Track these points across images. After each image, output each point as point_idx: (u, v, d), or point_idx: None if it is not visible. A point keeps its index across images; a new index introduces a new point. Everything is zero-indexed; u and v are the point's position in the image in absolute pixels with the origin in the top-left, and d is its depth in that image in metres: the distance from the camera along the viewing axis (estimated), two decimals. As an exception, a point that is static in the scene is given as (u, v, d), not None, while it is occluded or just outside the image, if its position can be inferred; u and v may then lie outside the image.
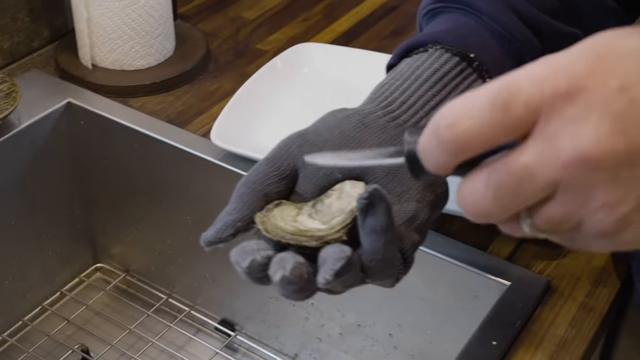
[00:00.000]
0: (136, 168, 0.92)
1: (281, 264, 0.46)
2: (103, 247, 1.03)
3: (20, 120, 0.89)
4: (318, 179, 0.52)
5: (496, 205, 0.37)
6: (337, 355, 0.90)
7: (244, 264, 0.47)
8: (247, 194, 0.51)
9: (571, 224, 0.37)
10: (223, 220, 0.51)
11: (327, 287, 0.47)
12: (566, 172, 0.35)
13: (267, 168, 0.52)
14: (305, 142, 0.53)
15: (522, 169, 0.36)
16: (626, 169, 0.35)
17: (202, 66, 0.99)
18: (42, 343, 0.94)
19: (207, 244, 0.51)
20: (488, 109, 0.36)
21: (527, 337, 0.68)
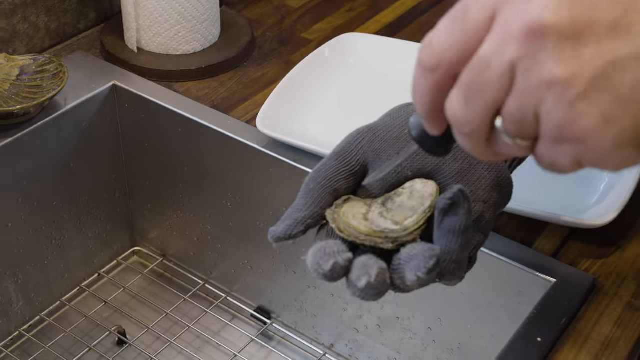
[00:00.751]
0: (178, 153, 0.93)
1: (365, 269, 0.46)
2: (141, 231, 1.03)
3: (66, 101, 0.90)
4: (387, 175, 0.52)
5: (469, 108, 0.39)
6: (373, 346, 0.89)
7: (327, 267, 0.46)
8: (317, 190, 0.51)
9: (531, 119, 0.38)
10: (293, 217, 0.50)
11: (409, 287, 0.47)
12: (516, 50, 0.36)
13: (336, 164, 0.52)
14: (376, 137, 0.53)
15: (478, 59, 0.38)
16: (571, 45, 0.35)
17: (247, 53, 0.99)
18: (80, 324, 0.95)
19: (276, 240, 0.51)
20: (451, 23, 0.39)
21: (572, 335, 0.68)
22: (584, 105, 0.36)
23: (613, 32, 0.35)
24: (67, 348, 0.92)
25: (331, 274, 0.47)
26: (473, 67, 0.38)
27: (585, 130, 0.36)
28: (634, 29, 0.35)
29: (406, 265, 0.46)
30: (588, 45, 0.35)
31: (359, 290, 0.46)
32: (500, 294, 0.77)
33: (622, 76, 0.35)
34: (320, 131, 0.86)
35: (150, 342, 0.94)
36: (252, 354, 0.93)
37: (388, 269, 0.47)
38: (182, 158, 0.93)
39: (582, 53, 0.35)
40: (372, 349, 0.90)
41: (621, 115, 0.35)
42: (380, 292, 0.47)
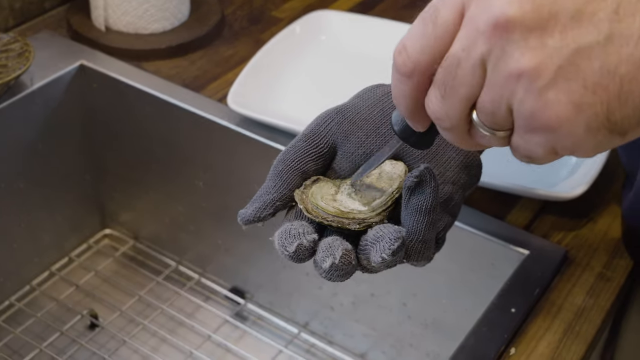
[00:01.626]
0: (149, 133, 0.91)
1: (330, 251, 0.46)
2: (112, 213, 1.02)
3: (33, 81, 0.88)
4: (357, 157, 0.52)
5: (446, 104, 0.40)
6: (348, 324, 0.89)
7: (291, 249, 0.46)
8: (285, 172, 0.50)
9: (503, 111, 0.38)
10: (262, 199, 0.50)
11: (375, 268, 0.46)
12: (485, 45, 0.37)
13: (305, 145, 0.52)
14: (345, 119, 0.53)
15: (450, 58, 0.39)
16: (536, 35, 0.36)
17: (217, 32, 0.98)
18: (50, 308, 0.93)
19: (245, 222, 0.50)
20: (422, 26, 0.39)
21: (546, 305, 0.68)
22: (553, 93, 0.36)
23: (577, 21, 0.36)
24: (38, 333, 0.91)
25: (296, 255, 0.47)
26: (446, 66, 0.39)
27: (556, 118, 0.37)
28: (597, 16, 0.36)
29: (372, 247, 0.46)
30: (553, 34, 0.36)
31: (324, 271, 0.46)
32: (474, 268, 0.77)
33: (589, 63, 0.36)
34: (293, 109, 0.86)
35: (123, 325, 0.93)
36: (227, 334, 0.92)
37: (355, 249, 0.47)
38: (153, 138, 0.92)
39: (548, 43, 0.36)
40: (347, 326, 0.90)
41: (591, 101, 0.36)
42: (346, 273, 0.47)
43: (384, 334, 0.87)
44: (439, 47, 0.39)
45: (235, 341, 0.92)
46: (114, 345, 0.90)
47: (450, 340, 0.82)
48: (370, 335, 0.88)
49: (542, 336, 0.65)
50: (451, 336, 0.81)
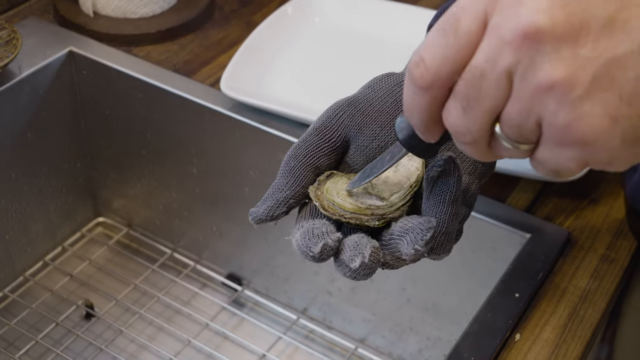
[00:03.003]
0: (140, 119, 0.90)
1: (358, 249, 0.44)
2: (105, 201, 1.00)
3: (21, 69, 0.86)
4: (371, 150, 0.50)
5: (467, 118, 0.38)
6: (347, 309, 0.88)
7: (316, 250, 0.45)
8: (297, 168, 0.49)
9: (532, 124, 0.37)
10: (275, 197, 0.48)
11: (400, 263, 0.46)
12: (512, 56, 0.36)
13: (317, 139, 0.50)
14: (357, 111, 0.51)
15: (473, 69, 0.37)
16: (568, 46, 0.35)
17: (207, 15, 0.96)
18: (45, 299, 0.92)
19: (257, 222, 0.49)
20: (442, 36, 0.37)
21: (550, 289, 0.67)
22: (588, 105, 0.35)
23: (610, 29, 0.35)
24: (33, 324, 0.89)
25: (320, 256, 0.45)
26: (468, 77, 0.37)
27: (591, 131, 0.35)
28: (631, 24, 0.35)
29: (400, 240, 0.45)
30: (585, 44, 0.35)
31: (352, 271, 0.45)
32: (475, 251, 0.76)
33: (624, 73, 0.34)
34: (286, 92, 0.84)
35: (119, 314, 0.92)
36: (224, 322, 0.91)
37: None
38: (145, 125, 0.90)
39: (580, 53, 0.35)
40: (345, 311, 0.89)
41: (627, 113, 0.35)
42: (372, 272, 0.46)
43: (383, 319, 0.86)
44: (461, 58, 0.37)
45: (233, 328, 0.91)
46: (110, 335, 0.89)
47: (451, 324, 0.81)
48: (370, 320, 0.87)
49: (547, 321, 0.64)
50: (452, 320, 0.81)
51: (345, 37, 0.91)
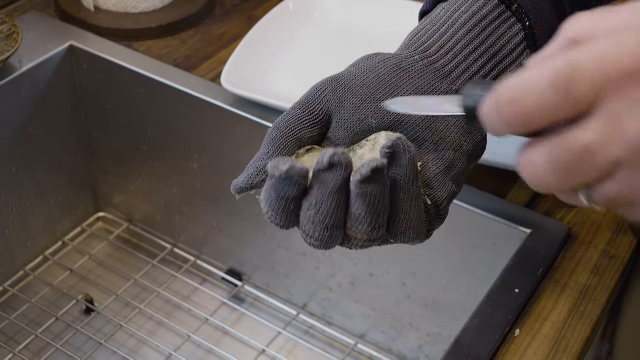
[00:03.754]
0: (141, 114, 0.90)
1: (330, 150, 0.45)
2: (105, 196, 1.00)
3: (22, 63, 0.86)
4: (351, 124, 0.50)
5: (555, 179, 0.37)
6: (347, 305, 0.88)
7: (284, 167, 0.44)
8: (280, 139, 0.49)
9: (629, 200, 0.37)
10: (255, 166, 0.49)
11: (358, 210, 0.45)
12: (629, 154, 0.35)
13: (300, 112, 0.50)
14: (340, 85, 0.51)
15: (583, 148, 0.36)
16: None
17: (208, 9, 0.96)
18: (45, 293, 0.92)
19: (238, 191, 0.49)
20: (549, 90, 0.35)
21: (550, 285, 0.67)
22: None
23: None
24: (33, 319, 0.89)
25: (287, 176, 0.45)
26: (575, 153, 0.36)
27: None
28: None
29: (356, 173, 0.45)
30: None
31: (322, 176, 0.45)
32: (475, 247, 0.76)
33: None
34: (287, 87, 0.84)
35: (119, 309, 0.92)
36: (224, 317, 0.91)
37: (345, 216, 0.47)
38: (145, 119, 0.90)
39: None
40: (345, 307, 0.89)
41: None
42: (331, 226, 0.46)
43: (383, 315, 0.86)
44: (562, 117, 0.36)
45: (233, 324, 0.91)
46: (110, 330, 0.89)
47: (451, 320, 0.81)
48: (370, 315, 0.87)
49: (546, 317, 0.64)
50: (452, 316, 0.81)
51: (346, 32, 0.91)
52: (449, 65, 0.53)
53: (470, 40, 0.53)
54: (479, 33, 0.53)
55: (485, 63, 0.53)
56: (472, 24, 0.53)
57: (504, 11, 0.54)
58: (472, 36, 0.53)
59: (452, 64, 0.53)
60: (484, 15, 0.54)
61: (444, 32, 0.54)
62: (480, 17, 0.54)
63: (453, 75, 0.52)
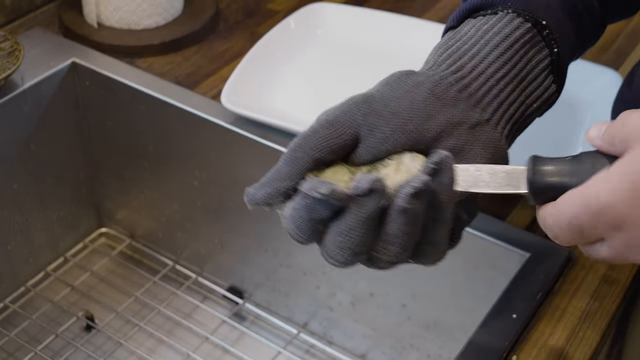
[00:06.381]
0: (143, 131, 0.90)
1: (368, 176, 0.45)
2: (108, 212, 1.00)
3: (24, 80, 0.86)
4: (379, 152, 0.49)
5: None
6: (347, 324, 0.88)
7: (324, 190, 0.44)
8: (303, 159, 0.47)
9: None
10: (274, 185, 0.47)
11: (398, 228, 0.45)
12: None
13: (327, 133, 0.48)
14: (372, 111, 0.49)
15: (600, 259, 0.48)
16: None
17: (212, 26, 0.96)
18: (46, 310, 0.92)
19: (253, 204, 0.47)
20: (569, 231, 0.47)
21: (549, 309, 0.66)
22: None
23: None
24: (33, 335, 0.89)
25: (328, 198, 0.44)
26: (592, 254, 0.48)
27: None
28: None
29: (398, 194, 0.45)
30: None
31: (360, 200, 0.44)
32: (475, 269, 0.75)
33: None
34: (288, 106, 0.84)
35: (120, 326, 0.91)
36: (225, 336, 0.91)
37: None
38: (147, 136, 0.90)
39: None
40: (346, 326, 0.88)
41: None
42: (363, 241, 0.45)
43: (384, 335, 0.85)
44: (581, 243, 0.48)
45: (233, 342, 0.90)
46: (110, 347, 0.89)
47: (452, 341, 0.80)
48: (370, 335, 0.86)
49: (544, 342, 0.63)
50: (453, 338, 0.80)
51: (348, 49, 0.91)
52: (480, 90, 0.51)
53: (503, 64, 0.52)
54: (511, 56, 0.52)
55: (514, 88, 0.53)
56: (505, 47, 0.52)
57: (535, 35, 0.53)
58: (505, 59, 0.52)
59: (484, 89, 0.52)
60: (516, 39, 0.53)
61: (475, 52, 0.52)
62: (513, 39, 0.53)
63: (484, 101, 0.51)
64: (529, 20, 0.53)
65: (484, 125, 0.51)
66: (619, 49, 0.95)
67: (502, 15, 0.54)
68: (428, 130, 0.49)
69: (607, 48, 0.95)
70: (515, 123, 0.53)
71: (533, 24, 0.53)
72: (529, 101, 0.53)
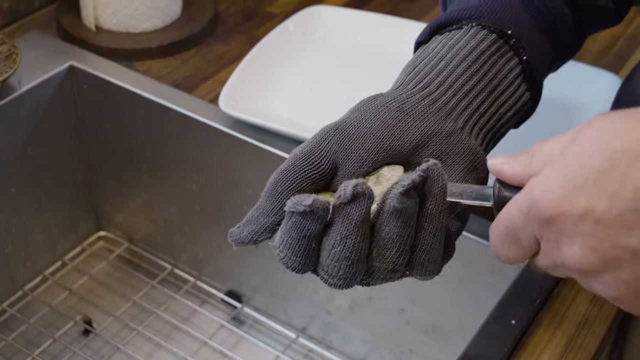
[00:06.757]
0: (141, 134, 0.89)
1: (351, 181, 0.44)
2: (106, 215, 1.00)
3: (21, 83, 0.86)
4: (358, 176, 0.49)
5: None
6: (346, 329, 0.87)
7: (307, 201, 0.43)
8: (285, 194, 0.47)
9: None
10: (259, 222, 0.47)
11: (387, 243, 0.45)
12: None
13: (305, 165, 0.48)
14: (345, 136, 0.49)
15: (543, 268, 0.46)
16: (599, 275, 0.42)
17: (210, 29, 0.95)
18: (43, 314, 0.92)
19: (239, 244, 0.48)
20: (508, 240, 0.45)
21: (547, 315, 0.66)
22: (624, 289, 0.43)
23: None
24: (31, 339, 0.89)
25: (311, 209, 0.43)
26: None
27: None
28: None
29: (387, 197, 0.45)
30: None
31: (346, 198, 0.44)
32: (474, 274, 0.75)
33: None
34: (286, 110, 0.83)
35: (118, 330, 0.91)
36: (223, 340, 0.91)
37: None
38: (145, 140, 0.89)
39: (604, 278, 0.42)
40: (344, 330, 0.88)
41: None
42: (355, 262, 0.45)
43: (382, 339, 0.85)
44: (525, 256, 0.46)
45: (231, 347, 0.90)
46: (108, 352, 0.88)
47: (451, 346, 0.80)
48: (369, 340, 0.86)
49: (543, 349, 0.63)
50: (452, 342, 0.80)
51: (347, 53, 0.90)
52: (449, 103, 0.52)
53: (470, 76, 0.52)
54: (478, 68, 0.53)
55: (485, 98, 0.53)
56: (471, 59, 0.53)
57: (501, 45, 0.54)
58: (472, 72, 0.52)
59: (453, 101, 0.52)
60: (482, 50, 0.53)
61: (442, 67, 0.53)
62: (479, 52, 0.53)
63: (455, 112, 0.51)
64: (493, 31, 0.54)
65: (459, 133, 0.51)
66: (618, 52, 0.94)
67: (467, 29, 0.54)
68: (402, 146, 0.49)
69: (606, 51, 0.94)
70: (488, 132, 0.53)
71: (498, 34, 0.54)
72: (502, 110, 0.53)
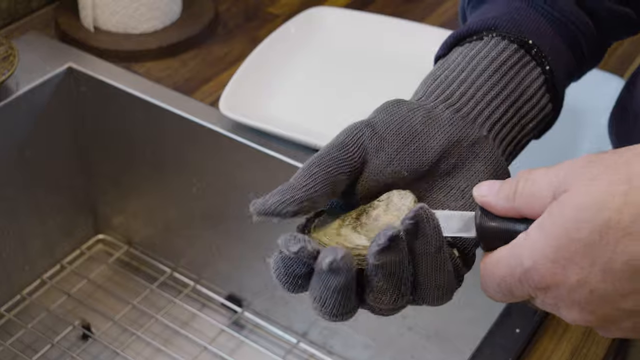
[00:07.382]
0: (140, 137, 0.88)
1: (332, 250, 0.42)
2: (105, 218, 0.99)
3: (19, 85, 0.85)
4: (384, 175, 0.48)
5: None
6: (347, 334, 0.86)
7: (294, 248, 0.43)
8: (320, 175, 0.46)
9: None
10: (287, 194, 0.45)
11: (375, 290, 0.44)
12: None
13: (340, 154, 0.48)
14: (375, 134, 0.49)
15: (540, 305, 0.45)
16: (599, 328, 0.44)
17: (210, 30, 0.94)
18: (42, 318, 0.91)
19: (261, 214, 0.45)
20: (501, 293, 0.46)
21: (552, 324, 0.65)
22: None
23: None
24: (29, 344, 0.88)
25: (296, 256, 0.43)
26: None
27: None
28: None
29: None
30: None
31: (324, 270, 0.42)
32: (477, 280, 0.73)
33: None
34: (287, 113, 0.82)
35: (117, 335, 0.90)
36: (224, 344, 0.90)
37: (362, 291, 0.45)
38: (144, 142, 0.88)
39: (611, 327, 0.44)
40: (346, 336, 0.87)
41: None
42: (344, 298, 0.43)
43: (384, 345, 0.84)
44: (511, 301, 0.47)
45: (232, 351, 0.89)
46: (106, 357, 0.87)
47: (453, 352, 0.79)
48: (371, 345, 0.85)
49: (548, 359, 0.62)
50: (455, 349, 0.79)
51: (348, 54, 0.89)
52: (472, 113, 0.51)
53: (491, 87, 0.52)
54: (499, 79, 0.52)
55: (508, 108, 0.52)
56: (492, 70, 0.52)
57: (523, 55, 0.53)
58: (493, 82, 0.52)
59: (475, 111, 0.51)
60: (503, 61, 0.52)
61: (463, 78, 0.52)
62: (500, 62, 0.52)
63: (478, 121, 0.51)
64: (514, 41, 0.53)
65: (484, 141, 0.50)
66: (623, 55, 0.93)
67: (488, 40, 0.54)
68: (430, 149, 0.49)
69: (610, 54, 0.93)
70: (510, 143, 0.53)
71: (519, 44, 0.53)
72: (524, 121, 0.53)
